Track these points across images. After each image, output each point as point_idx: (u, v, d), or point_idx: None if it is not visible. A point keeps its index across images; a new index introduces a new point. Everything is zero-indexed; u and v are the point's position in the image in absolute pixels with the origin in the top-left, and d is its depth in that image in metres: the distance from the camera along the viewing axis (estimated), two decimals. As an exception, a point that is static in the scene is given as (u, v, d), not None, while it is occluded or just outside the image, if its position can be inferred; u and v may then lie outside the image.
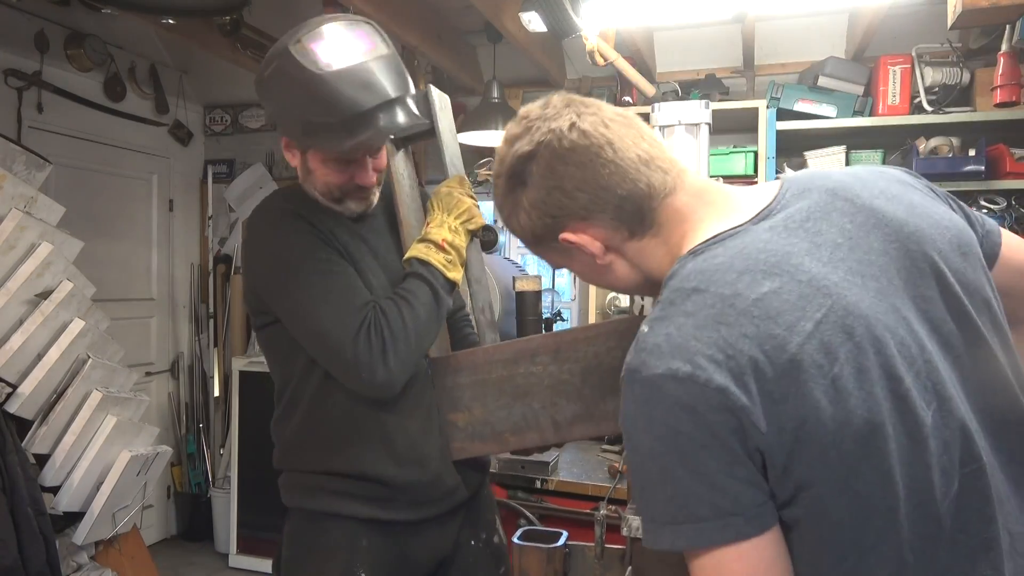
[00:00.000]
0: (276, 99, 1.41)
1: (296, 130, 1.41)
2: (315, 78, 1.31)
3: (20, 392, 2.73)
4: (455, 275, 1.47)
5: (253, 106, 4.82)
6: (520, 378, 1.41)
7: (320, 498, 1.50)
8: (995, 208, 2.97)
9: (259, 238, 1.50)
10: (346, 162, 1.45)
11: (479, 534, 1.65)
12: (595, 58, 3.05)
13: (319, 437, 1.51)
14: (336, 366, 1.40)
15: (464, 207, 1.51)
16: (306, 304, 1.39)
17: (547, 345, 1.39)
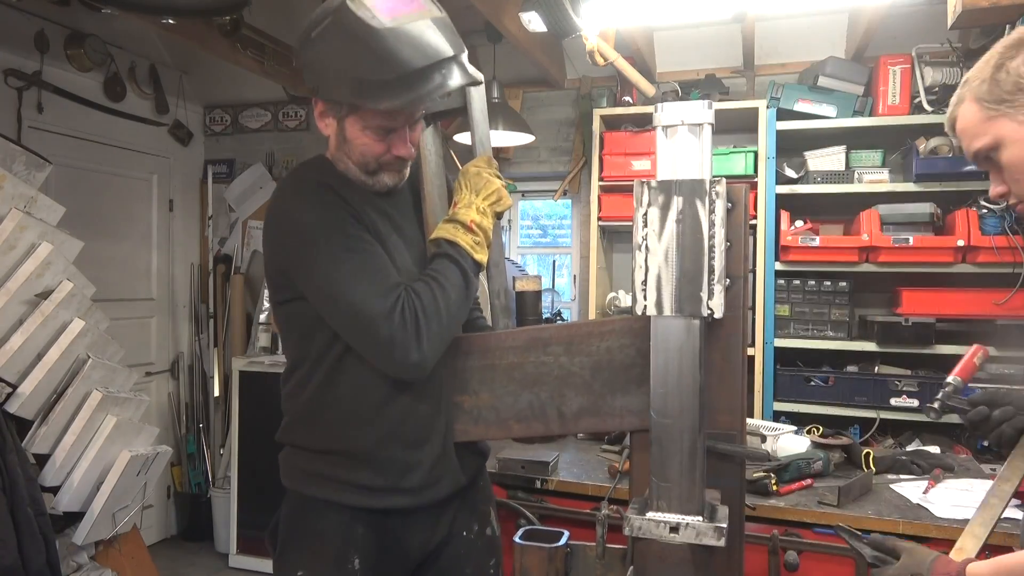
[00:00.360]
0: (325, 57, 1.35)
1: (344, 89, 1.35)
2: (374, 32, 1.29)
3: (20, 392, 2.73)
4: (482, 256, 1.46)
5: (253, 106, 4.82)
6: (530, 367, 1.41)
7: (319, 485, 1.51)
8: (995, 208, 2.97)
9: (288, 209, 1.44)
10: (385, 131, 1.43)
11: (472, 525, 1.65)
12: (595, 58, 3.06)
13: (329, 415, 1.50)
14: (368, 345, 1.38)
15: (493, 188, 1.50)
16: (339, 281, 1.36)
17: (560, 336, 1.39)
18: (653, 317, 1.17)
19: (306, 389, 1.51)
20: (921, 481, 2.34)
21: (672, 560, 1.17)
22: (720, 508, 1.20)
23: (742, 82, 3.67)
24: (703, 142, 1.17)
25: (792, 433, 2.65)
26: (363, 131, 1.43)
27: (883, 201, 3.17)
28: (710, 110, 1.16)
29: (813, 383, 3.23)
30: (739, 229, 1.27)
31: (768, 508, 2.20)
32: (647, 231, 1.16)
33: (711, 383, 1.26)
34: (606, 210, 3.55)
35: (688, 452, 1.15)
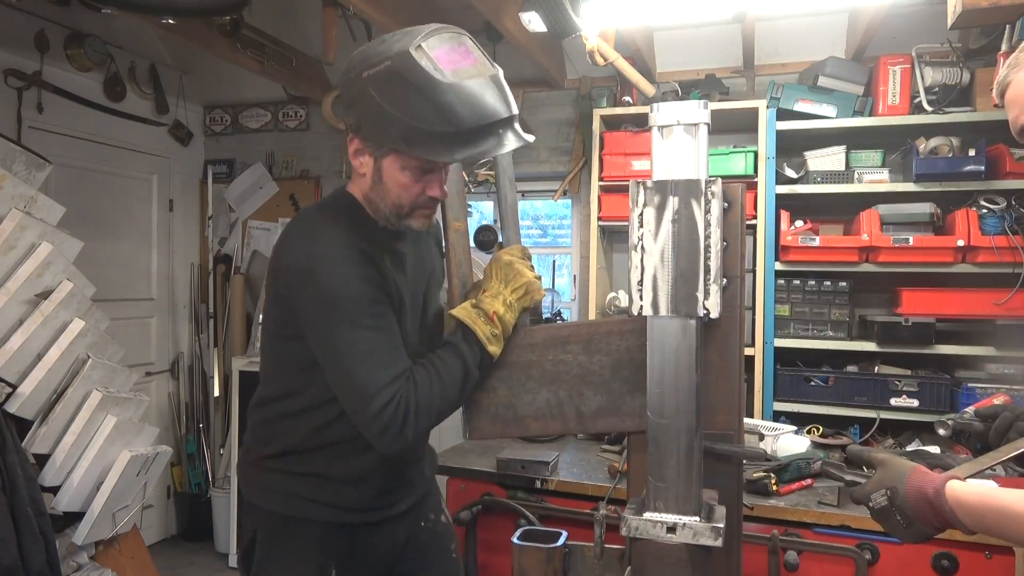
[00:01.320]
0: (377, 99, 1.33)
1: (394, 134, 1.34)
2: (437, 85, 1.29)
3: (20, 392, 2.73)
4: (495, 350, 1.44)
5: (253, 106, 4.82)
6: (549, 364, 1.41)
7: (299, 505, 1.54)
8: (995, 208, 2.97)
9: (321, 269, 1.40)
10: (423, 171, 1.43)
11: (429, 515, 1.75)
12: (595, 58, 3.06)
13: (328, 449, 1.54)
14: (358, 419, 1.42)
15: (522, 282, 1.47)
16: (348, 356, 1.39)
17: (580, 334, 1.39)
18: (649, 317, 1.17)
19: (305, 423, 1.54)
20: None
21: (670, 560, 1.17)
22: (717, 508, 1.20)
23: (742, 82, 3.67)
24: (699, 142, 1.17)
25: (792, 433, 2.65)
26: (401, 170, 1.42)
27: (883, 201, 3.16)
28: (706, 110, 1.16)
29: (813, 383, 3.23)
30: (735, 229, 1.27)
31: (768, 508, 2.20)
32: (643, 231, 1.16)
33: (708, 383, 1.26)
34: (606, 210, 3.55)
35: (685, 452, 1.15)
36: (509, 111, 1.35)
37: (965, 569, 2.05)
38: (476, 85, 1.32)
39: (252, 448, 1.62)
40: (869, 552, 2.10)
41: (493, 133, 1.34)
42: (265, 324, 1.60)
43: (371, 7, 3.00)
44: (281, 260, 1.48)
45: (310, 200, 4.66)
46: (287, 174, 4.76)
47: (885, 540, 2.11)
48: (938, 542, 2.06)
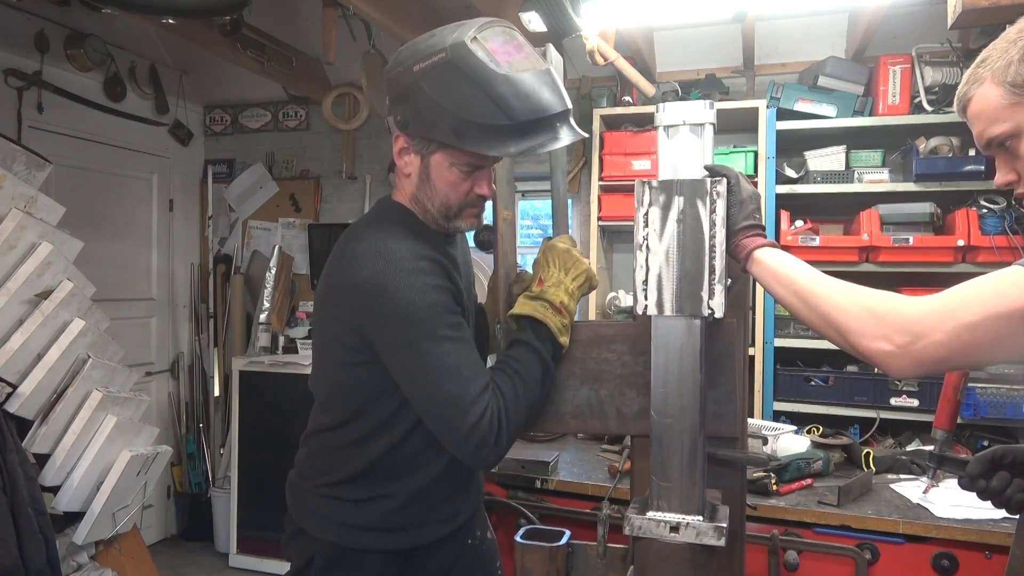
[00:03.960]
0: (430, 93, 1.30)
1: (446, 129, 1.31)
2: (494, 76, 1.26)
3: (20, 392, 2.73)
4: (565, 340, 1.39)
5: (253, 106, 4.82)
6: (592, 362, 1.39)
7: (354, 535, 1.49)
8: (995, 208, 2.97)
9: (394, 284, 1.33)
10: (472, 168, 1.40)
11: (475, 532, 1.68)
12: (595, 58, 3.06)
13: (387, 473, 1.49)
14: (449, 436, 1.36)
15: (582, 268, 1.43)
16: (436, 371, 1.33)
17: (626, 334, 1.37)
18: (654, 317, 1.17)
19: (365, 451, 1.47)
20: (921, 481, 2.34)
21: (673, 560, 1.17)
22: (721, 508, 1.20)
23: (742, 82, 3.68)
24: (704, 142, 1.17)
25: (792, 433, 2.65)
26: (450, 168, 1.39)
27: (883, 201, 3.17)
28: (712, 110, 1.16)
29: (813, 383, 3.23)
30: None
31: (768, 508, 2.20)
32: (648, 231, 1.16)
33: (712, 383, 1.26)
34: (606, 210, 3.55)
35: (688, 452, 1.15)
36: (564, 105, 1.33)
37: (965, 569, 2.05)
38: (531, 78, 1.30)
39: (309, 476, 1.55)
40: (869, 552, 2.11)
41: (548, 127, 1.31)
42: (323, 352, 1.52)
43: (371, 7, 3.00)
44: (344, 280, 1.39)
45: (310, 200, 4.66)
46: (287, 174, 4.76)
47: (885, 540, 2.11)
48: (939, 542, 2.07)
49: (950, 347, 0.98)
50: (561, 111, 1.32)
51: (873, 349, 1.03)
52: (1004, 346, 0.97)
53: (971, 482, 1.27)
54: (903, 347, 1.00)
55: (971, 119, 1.11)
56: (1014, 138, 1.06)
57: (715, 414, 1.28)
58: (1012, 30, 1.07)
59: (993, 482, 1.25)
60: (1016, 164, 1.09)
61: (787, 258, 1.15)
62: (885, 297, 1.05)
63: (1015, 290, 0.96)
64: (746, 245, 1.16)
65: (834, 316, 1.07)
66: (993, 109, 1.07)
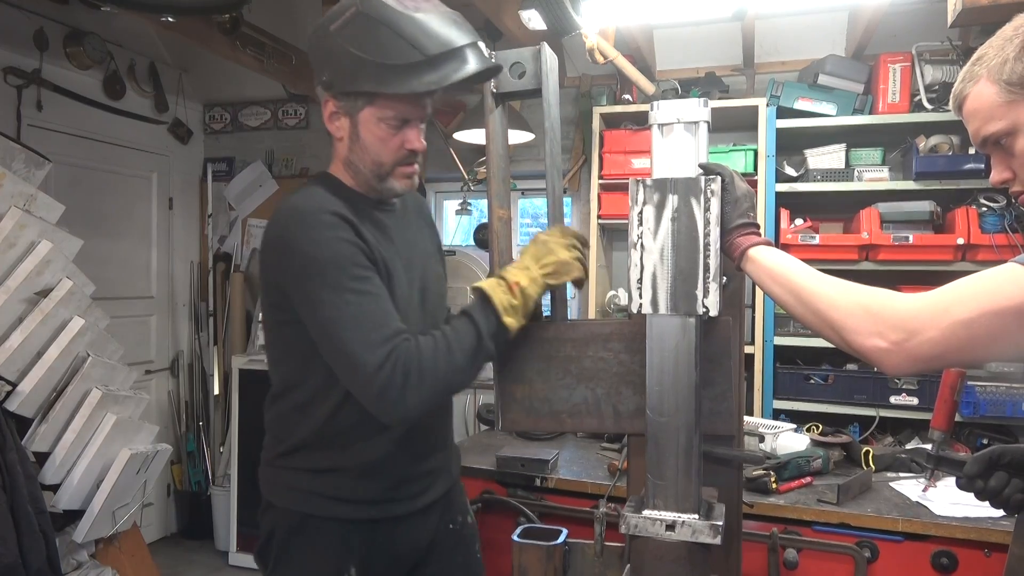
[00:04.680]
0: (347, 46, 1.37)
1: (368, 77, 1.37)
2: (401, 17, 1.35)
3: (20, 390, 2.73)
4: (511, 321, 1.39)
5: (253, 104, 4.82)
6: (588, 361, 1.39)
7: (318, 503, 1.51)
8: (995, 206, 2.96)
9: (298, 240, 1.40)
10: (401, 122, 1.45)
11: (456, 517, 1.71)
12: (595, 56, 3.05)
13: (341, 437, 1.51)
14: (356, 390, 1.39)
15: (552, 259, 1.43)
16: (337, 322, 1.36)
17: (622, 332, 1.37)
18: (649, 315, 1.17)
19: (312, 414, 1.50)
20: (920, 479, 2.34)
21: (669, 558, 1.17)
22: (717, 506, 1.20)
23: (742, 80, 3.67)
24: (699, 140, 1.17)
25: (791, 431, 2.65)
26: (378, 123, 1.44)
27: (883, 199, 3.16)
28: (706, 108, 1.16)
29: (813, 381, 3.23)
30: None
31: (767, 506, 2.20)
32: (642, 229, 1.16)
33: (707, 382, 1.26)
34: (606, 208, 3.55)
35: (684, 450, 1.15)
36: (471, 37, 1.40)
37: (964, 567, 2.05)
38: (436, 16, 1.39)
39: (268, 448, 1.60)
40: (868, 550, 2.11)
41: (459, 56, 1.37)
42: (263, 319, 1.59)
43: (371, 5, 3.00)
44: (263, 242, 1.49)
45: (310, 198, 4.66)
46: (287, 172, 4.76)
47: (884, 538, 2.11)
48: (938, 541, 2.06)
49: (945, 344, 0.98)
50: (468, 43, 1.39)
51: (868, 346, 1.02)
52: (999, 343, 0.97)
53: (968, 482, 1.27)
54: (897, 344, 1.00)
55: (967, 117, 1.11)
56: (1010, 136, 1.06)
57: (711, 412, 1.27)
58: (1008, 27, 1.06)
59: (991, 482, 1.25)
60: (1011, 162, 1.08)
61: (781, 256, 1.15)
62: (880, 294, 1.05)
63: (1010, 287, 0.96)
64: (740, 243, 1.16)
65: (828, 313, 1.06)
66: (988, 107, 1.06)
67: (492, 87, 1.49)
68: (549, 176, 1.54)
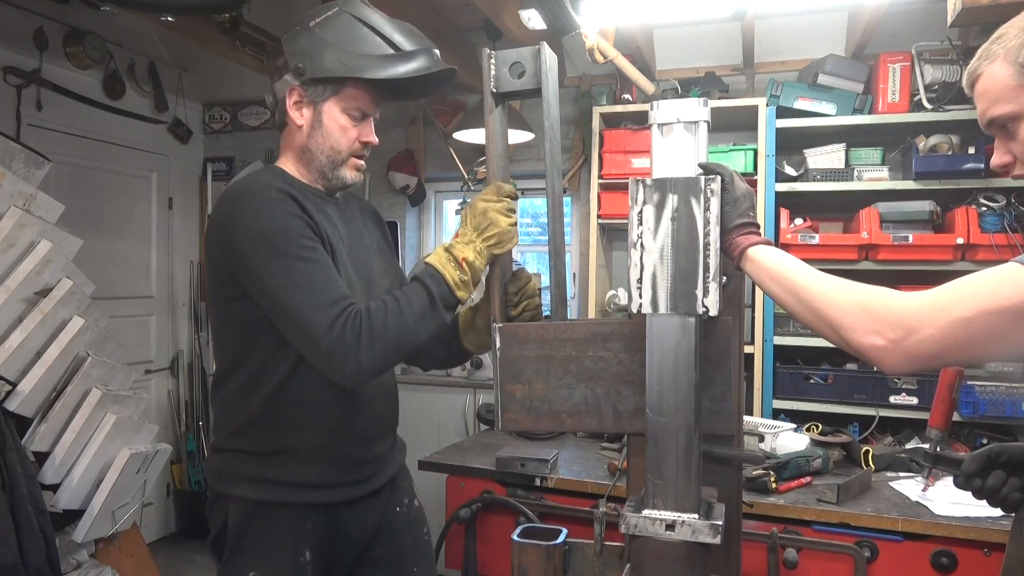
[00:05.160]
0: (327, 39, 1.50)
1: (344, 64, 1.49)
2: (381, 19, 1.54)
3: (20, 390, 2.73)
4: (462, 294, 1.48)
5: (252, 104, 4.82)
6: (588, 361, 1.39)
7: (269, 488, 1.54)
8: (994, 206, 2.96)
9: (245, 213, 1.46)
10: (361, 115, 1.57)
11: (403, 499, 1.76)
12: (595, 56, 3.06)
13: (284, 416, 1.54)
14: (310, 353, 1.43)
15: (495, 231, 1.49)
16: (288, 288, 1.40)
17: (622, 332, 1.37)
18: (648, 315, 1.17)
19: (257, 392, 1.53)
20: (920, 479, 2.34)
21: (668, 557, 1.17)
22: (717, 505, 1.20)
23: (742, 80, 3.67)
24: (699, 140, 1.17)
25: (791, 431, 2.65)
26: (342, 113, 1.55)
27: (883, 199, 3.16)
28: (705, 108, 1.16)
29: (812, 381, 3.23)
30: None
31: (767, 506, 2.20)
32: (642, 229, 1.16)
33: (707, 381, 1.26)
34: (605, 208, 3.55)
35: (684, 450, 1.15)
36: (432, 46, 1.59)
37: (964, 567, 2.05)
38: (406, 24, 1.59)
39: (216, 433, 1.63)
40: (868, 550, 2.11)
41: (428, 53, 1.55)
42: (208, 299, 1.65)
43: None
44: (210, 223, 1.54)
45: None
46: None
47: (884, 538, 2.11)
48: (938, 540, 2.07)
49: (943, 343, 0.97)
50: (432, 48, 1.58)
51: (865, 344, 1.02)
52: (997, 343, 0.97)
53: (966, 481, 1.27)
54: (895, 342, 0.99)
55: (977, 96, 1.10)
56: (1015, 120, 1.05)
57: (710, 412, 1.27)
58: None
59: (988, 481, 1.24)
60: (1013, 146, 1.08)
61: (781, 255, 1.15)
62: (878, 292, 1.04)
63: (1010, 287, 0.96)
64: (740, 243, 1.15)
65: (827, 312, 1.06)
66: (1000, 89, 1.05)
67: (492, 87, 1.49)
68: (549, 176, 1.54)
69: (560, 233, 1.55)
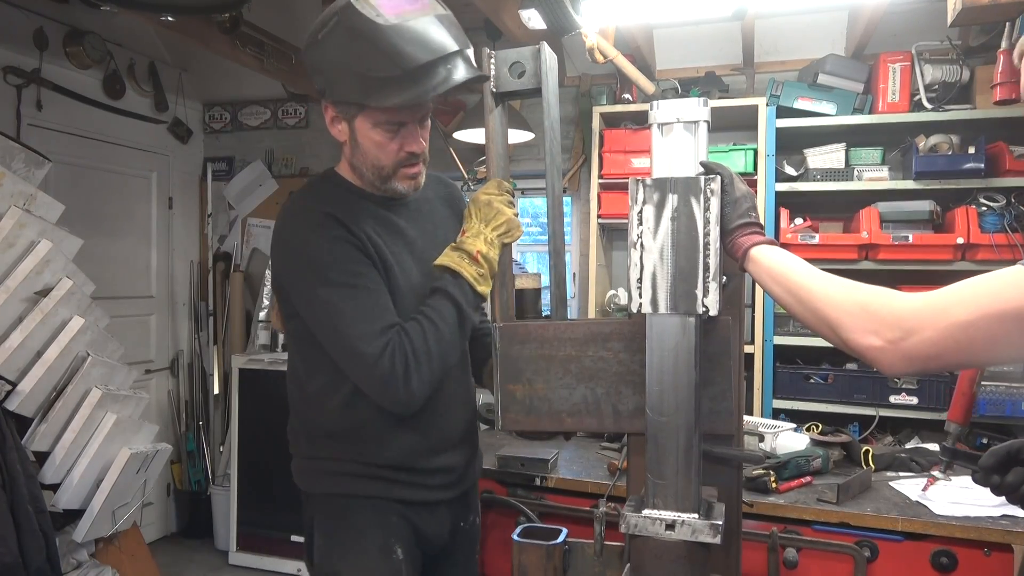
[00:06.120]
0: (331, 57, 1.37)
1: (353, 88, 1.37)
2: (379, 29, 1.32)
3: (20, 390, 2.73)
4: (484, 289, 1.47)
5: (252, 103, 4.82)
6: (588, 360, 1.39)
7: (349, 482, 1.53)
8: (994, 206, 2.97)
9: (294, 239, 1.45)
10: (396, 126, 1.44)
11: (468, 516, 1.73)
12: (595, 55, 3.06)
13: (360, 427, 1.52)
14: (360, 381, 1.42)
15: (502, 219, 1.48)
16: (335, 317, 1.39)
17: (622, 332, 1.37)
18: (648, 315, 1.17)
19: (334, 398, 1.51)
20: (920, 478, 2.34)
21: (669, 557, 1.17)
22: (717, 505, 1.20)
23: (742, 79, 3.67)
24: (699, 140, 1.17)
25: (791, 431, 2.65)
26: (373, 128, 1.44)
27: (883, 199, 3.16)
28: (705, 108, 1.16)
29: (812, 381, 3.23)
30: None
31: (767, 505, 2.20)
32: (642, 229, 1.16)
33: (707, 381, 1.26)
34: (606, 208, 3.55)
35: (684, 449, 1.15)
36: (455, 45, 1.37)
37: (964, 566, 2.05)
38: (420, 24, 1.34)
39: (293, 440, 1.62)
40: (868, 549, 2.11)
41: (439, 69, 1.35)
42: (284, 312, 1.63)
43: (370, 4, 3.00)
44: (272, 239, 1.52)
45: (310, 198, 4.66)
46: (287, 172, 4.76)
47: (884, 537, 2.11)
48: (938, 540, 2.06)
49: (942, 345, 0.97)
50: (453, 51, 1.36)
51: (864, 344, 1.02)
52: (997, 347, 0.97)
53: (984, 476, 1.25)
54: (893, 343, 0.99)
55: None
56: None
57: (710, 411, 1.28)
58: None
59: (1008, 477, 1.22)
60: None
61: (783, 255, 1.14)
62: (878, 292, 1.04)
63: (1012, 291, 0.96)
64: (742, 243, 1.16)
65: (826, 311, 1.06)
66: None
67: (492, 86, 1.49)
68: (549, 176, 1.54)
69: (560, 233, 1.55)
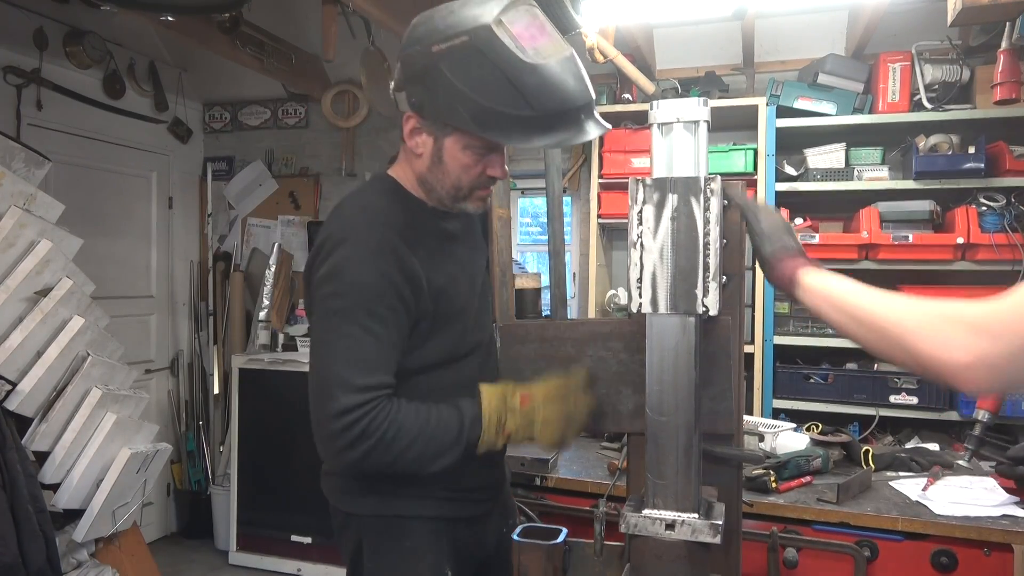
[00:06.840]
0: (449, 76, 1.24)
1: (467, 114, 1.26)
2: (520, 65, 1.21)
3: (20, 389, 2.73)
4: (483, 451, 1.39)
5: (252, 103, 4.82)
6: (588, 360, 1.39)
7: (397, 502, 1.46)
8: (994, 206, 2.97)
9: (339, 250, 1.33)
10: (487, 151, 1.37)
11: (508, 520, 1.70)
12: (595, 55, 3.06)
13: None
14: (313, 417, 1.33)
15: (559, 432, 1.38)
16: (331, 347, 1.32)
17: (622, 332, 1.37)
18: (648, 315, 1.17)
19: None
20: (920, 478, 2.34)
21: (668, 557, 1.17)
22: (716, 505, 1.20)
23: (742, 79, 3.67)
24: (699, 139, 1.16)
25: (791, 431, 2.65)
26: (464, 150, 1.36)
27: (883, 198, 3.16)
28: (705, 107, 1.16)
29: (812, 380, 3.23)
30: (735, 227, 1.28)
31: (767, 505, 2.20)
32: (642, 228, 1.16)
33: (707, 381, 1.26)
34: (605, 207, 3.54)
35: (683, 449, 1.15)
36: (589, 96, 1.29)
37: (964, 566, 2.05)
38: (557, 66, 1.24)
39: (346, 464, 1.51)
40: (868, 549, 2.11)
41: (572, 119, 1.27)
42: None
43: (371, 4, 2.99)
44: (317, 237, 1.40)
45: (309, 198, 4.67)
46: (287, 171, 4.76)
47: (884, 537, 2.11)
48: (938, 540, 2.07)
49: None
50: (585, 103, 1.28)
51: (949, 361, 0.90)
52: None
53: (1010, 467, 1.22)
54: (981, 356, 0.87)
55: None
56: None
57: (710, 411, 1.28)
58: None
59: None
60: None
61: (834, 279, 1.08)
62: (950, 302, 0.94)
63: None
64: (785, 272, 1.12)
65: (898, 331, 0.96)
66: None
67: None
68: (549, 176, 1.54)
69: (560, 233, 1.55)
